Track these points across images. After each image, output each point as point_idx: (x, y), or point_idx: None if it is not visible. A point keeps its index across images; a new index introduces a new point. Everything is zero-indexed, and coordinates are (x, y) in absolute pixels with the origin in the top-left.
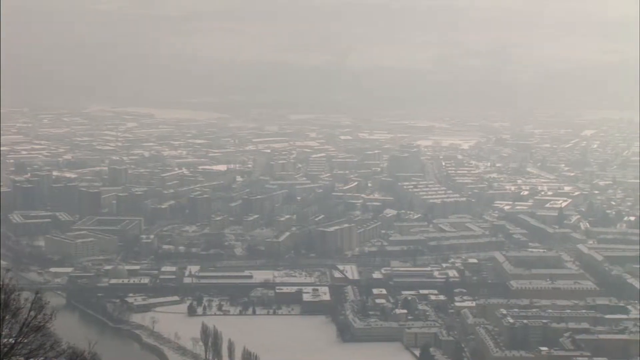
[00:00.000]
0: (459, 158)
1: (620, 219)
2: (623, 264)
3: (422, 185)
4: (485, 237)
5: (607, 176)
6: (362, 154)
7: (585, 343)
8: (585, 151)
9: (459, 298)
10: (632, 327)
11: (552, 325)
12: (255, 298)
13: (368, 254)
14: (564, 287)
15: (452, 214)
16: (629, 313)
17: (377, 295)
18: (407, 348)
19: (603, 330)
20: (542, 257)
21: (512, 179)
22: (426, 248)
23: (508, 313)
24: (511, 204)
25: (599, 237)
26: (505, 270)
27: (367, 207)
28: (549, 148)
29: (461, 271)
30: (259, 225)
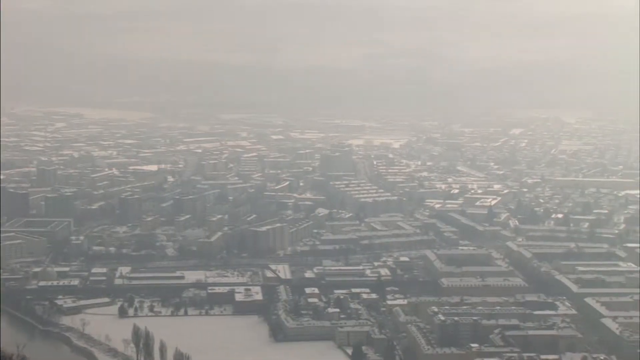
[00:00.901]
0: (390, 157)
1: (548, 217)
2: (551, 261)
3: (354, 184)
4: (417, 236)
5: (535, 174)
6: (294, 154)
7: (515, 339)
8: (514, 150)
9: (390, 296)
10: (560, 323)
11: (483, 322)
12: (187, 299)
13: (300, 254)
14: (494, 284)
15: (383, 213)
16: (557, 309)
17: (310, 295)
18: (340, 347)
19: (532, 326)
20: (473, 254)
21: (442, 177)
22: (358, 247)
23: (439, 311)
24: (442, 202)
25: (528, 234)
26: (436, 268)
27: (299, 207)
28: (479, 147)
29: (393, 270)
30: (191, 226)
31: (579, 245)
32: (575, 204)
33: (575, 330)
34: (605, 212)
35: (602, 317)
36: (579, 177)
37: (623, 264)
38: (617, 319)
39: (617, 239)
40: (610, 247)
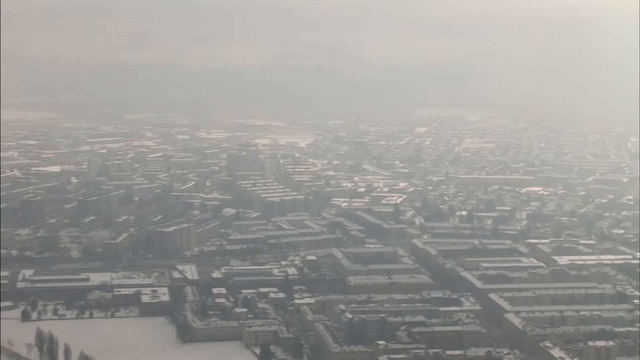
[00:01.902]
0: (297, 156)
1: (452, 214)
2: (456, 258)
3: (261, 183)
4: (324, 234)
5: (439, 172)
6: (200, 153)
7: (421, 335)
8: (418, 148)
9: (298, 295)
10: (465, 319)
11: (389, 319)
12: (92, 301)
13: (207, 254)
14: (401, 281)
15: (290, 212)
16: (462, 305)
17: (217, 295)
18: (248, 346)
19: (438, 323)
20: (379, 252)
21: (348, 176)
22: (265, 246)
23: (346, 309)
24: (348, 201)
25: (433, 231)
26: (343, 266)
27: (205, 207)
28: (384, 145)
29: (300, 268)
30: (96, 227)
31: (482, 241)
32: (479, 201)
33: (480, 325)
34: (507, 209)
35: (506, 312)
36: (482, 174)
37: (525, 260)
38: (520, 314)
39: (519, 235)
40: (512, 243)
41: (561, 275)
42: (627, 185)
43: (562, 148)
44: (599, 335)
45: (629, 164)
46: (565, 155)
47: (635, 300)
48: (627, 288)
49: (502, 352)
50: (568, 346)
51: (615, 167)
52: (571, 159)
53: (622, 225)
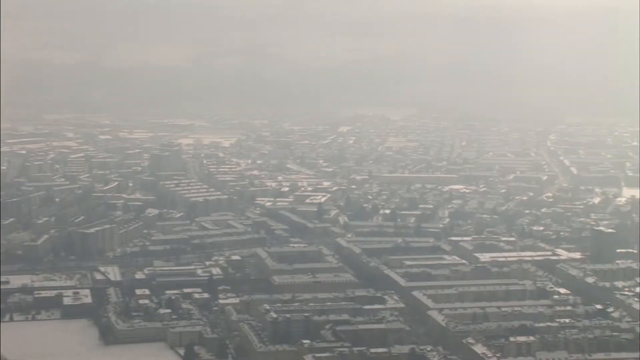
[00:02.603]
0: (220, 156)
1: (376, 212)
2: (380, 256)
3: (184, 183)
4: (248, 234)
5: (363, 171)
6: (123, 154)
7: (346, 334)
8: (342, 147)
9: (222, 295)
10: (389, 317)
11: (314, 318)
12: (12, 304)
13: (130, 255)
14: (325, 280)
15: (214, 212)
16: (386, 303)
17: (140, 296)
18: (172, 347)
19: (362, 321)
20: (303, 251)
21: (272, 175)
22: (189, 246)
23: (271, 308)
24: (272, 200)
25: (357, 230)
26: (267, 266)
27: (128, 207)
28: (308, 144)
29: (224, 268)
30: (16, 229)
31: (406, 239)
32: (402, 199)
33: (403, 323)
34: (430, 207)
35: (429, 310)
36: (405, 173)
37: (448, 257)
38: (443, 311)
39: (442, 232)
40: (435, 241)
41: (483, 272)
42: (547, 182)
43: (483, 146)
44: (520, 330)
45: (548, 161)
46: (486, 154)
47: (555, 296)
48: (547, 284)
49: (426, 349)
50: (490, 342)
51: (535, 165)
52: (492, 157)
53: (542, 222)
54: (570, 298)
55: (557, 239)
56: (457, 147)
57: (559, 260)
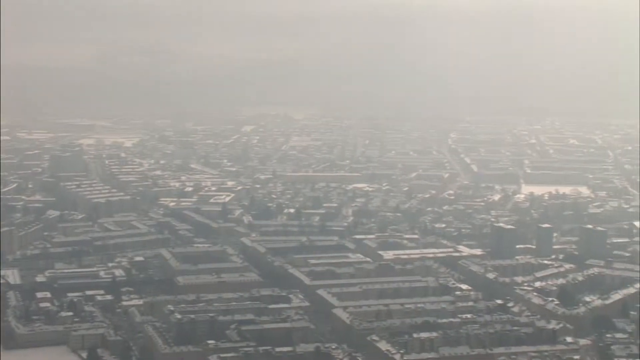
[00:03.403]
0: (123, 156)
1: (280, 212)
2: (284, 255)
3: (86, 184)
4: (151, 235)
5: (267, 170)
6: (22, 155)
7: (251, 333)
8: (246, 146)
9: (126, 297)
10: (294, 316)
11: (219, 318)
12: None
13: (31, 257)
14: (230, 280)
15: (117, 213)
16: (291, 302)
17: (41, 299)
18: (74, 351)
19: (267, 320)
20: (208, 252)
21: (176, 175)
22: (92, 248)
23: (175, 309)
24: (176, 200)
25: (261, 229)
26: (171, 266)
27: (28, 209)
28: (212, 144)
29: (128, 270)
30: None
31: (310, 238)
32: (306, 198)
33: (309, 321)
34: (334, 205)
35: (334, 308)
36: (309, 172)
37: (352, 255)
38: (348, 309)
39: (346, 231)
40: (339, 239)
41: (387, 270)
42: (448, 180)
43: (386, 145)
44: (423, 327)
45: (449, 159)
46: (389, 152)
47: (457, 292)
48: (449, 280)
49: (331, 347)
50: (394, 339)
51: (437, 163)
52: (395, 155)
53: (444, 219)
54: (471, 294)
55: (458, 235)
56: (361, 146)
57: (461, 257)
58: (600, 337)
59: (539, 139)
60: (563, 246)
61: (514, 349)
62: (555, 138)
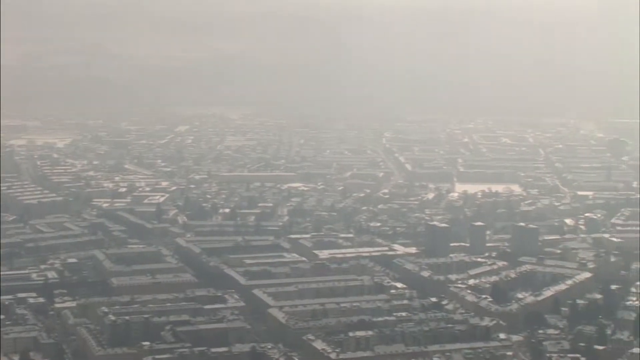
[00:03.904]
0: (55, 157)
1: (215, 212)
2: (220, 255)
3: (17, 186)
4: (85, 236)
5: (202, 170)
6: None
7: (186, 334)
8: (180, 147)
9: (59, 299)
10: (229, 316)
11: (154, 319)
12: None
13: None
14: (165, 281)
15: (49, 214)
16: (227, 302)
17: None
18: (6, 354)
19: (203, 321)
20: (142, 252)
21: (109, 176)
22: (23, 250)
23: (109, 311)
24: (110, 201)
25: (196, 230)
26: (105, 268)
27: None
28: (146, 144)
29: (60, 272)
30: None
31: (245, 238)
32: (242, 198)
33: (244, 321)
34: (269, 205)
35: (269, 308)
36: (244, 172)
37: (288, 255)
38: (283, 308)
39: (281, 230)
40: (275, 239)
41: (322, 269)
42: (383, 179)
43: (321, 144)
44: (359, 325)
45: (384, 159)
46: (324, 152)
47: (392, 290)
48: (384, 279)
49: (267, 347)
50: (330, 338)
51: (372, 162)
52: (330, 154)
53: (379, 218)
54: (406, 292)
55: (393, 234)
56: (296, 145)
57: (396, 255)
58: (533, 333)
59: (472, 137)
60: (496, 244)
61: (448, 346)
62: (488, 137)
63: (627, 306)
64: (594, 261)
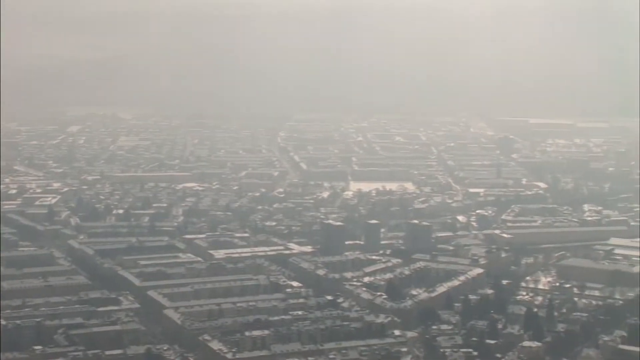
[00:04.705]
0: None
1: (109, 213)
2: (114, 257)
3: None
4: None
5: (94, 171)
6: None
7: (80, 337)
8: (72, 147)
9: None
10: (124, 318)
11: (46, 323)
12: None
13: None
14: (57, 283)
15: None
16: (121, 304)
17: None
18: None
19: (96, 323)
20: (34, 255)
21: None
22: None
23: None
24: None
25: (90, 231)
26: None
27: None
28: (36, 145)
29: None
30: None
31: (140, 239)
32: (136, 199)
33: (139, 323)
34: (164, 205)
35: (165, 309)
36: (138, 172)
37: (183, 255)
38: (179, 309)
39: (176, 231)
40: (170, 239)
41: (218, 269)
42: (278, 178)
43: (215, 144)
44: (255, 325)
45: (279, 158)
46: (218, 151)
47: (288, 289)
48: (280, 278)
49: (162, 349)
50: (226, 338)
51: (267, 161)
52: (224, 154)
53: (274, 217)
54: (302, 291)
55: (289, 233)
56: (190, 145)
57: (291, 254)
58: (427, 329)
59: (366, 136)
60: (390, 241)
61: (344, 343)
62: (382, 135)
63: (517, 301)
64: (485, 257)
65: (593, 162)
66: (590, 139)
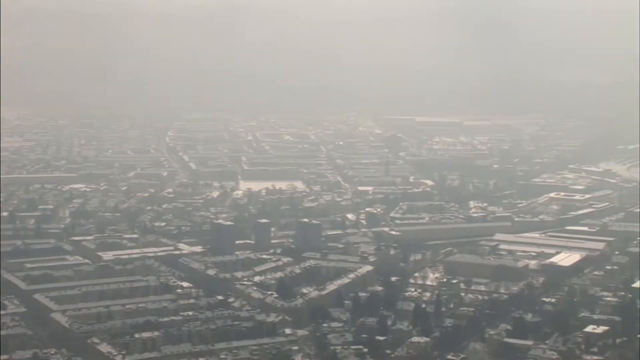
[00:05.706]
0: None
1: None
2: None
3: None
4: None
5: None
6: None
7: None
8: None
9: None
10: (9, 322)
11: None
12: None
13: None
14: None
15: None
16: (7, 308)
17: None
18: None
19: None
20: None
21: None
22: None
23: None
24: None
25: None
26: None
27: None
28: None
29: None
30: None
31: (25, 242)
32: (20, 201)
33: (25, 327)
34: (50, 207)
35: (52, 312)
36: (22, 173)
37: (70, 258)
38: (67, 312)
39: (63, 233)
40: (57, 241)
41: (107, 271)
42: (167, 178)
43: (103, 144)
44: (145, 326)
45: (168, 158)
46: (106, 152)
47: (178, 290)
48: (170, 279)
49: (49, 353)
50: (115, 340)
51: (155, 162)
52: (112, 154)
53: (163, 217)
54: (192, 291)
55: (178, 233)
56: (76, 145)
57: (181, 255)
58: (317, 327)
59: (255, 135)
60: (281, 240)
61: (235, 343)
62: (271, 134)
63: (406, 297)
64: (374, 254)
65: (478, 159)
66: (475, 137)
